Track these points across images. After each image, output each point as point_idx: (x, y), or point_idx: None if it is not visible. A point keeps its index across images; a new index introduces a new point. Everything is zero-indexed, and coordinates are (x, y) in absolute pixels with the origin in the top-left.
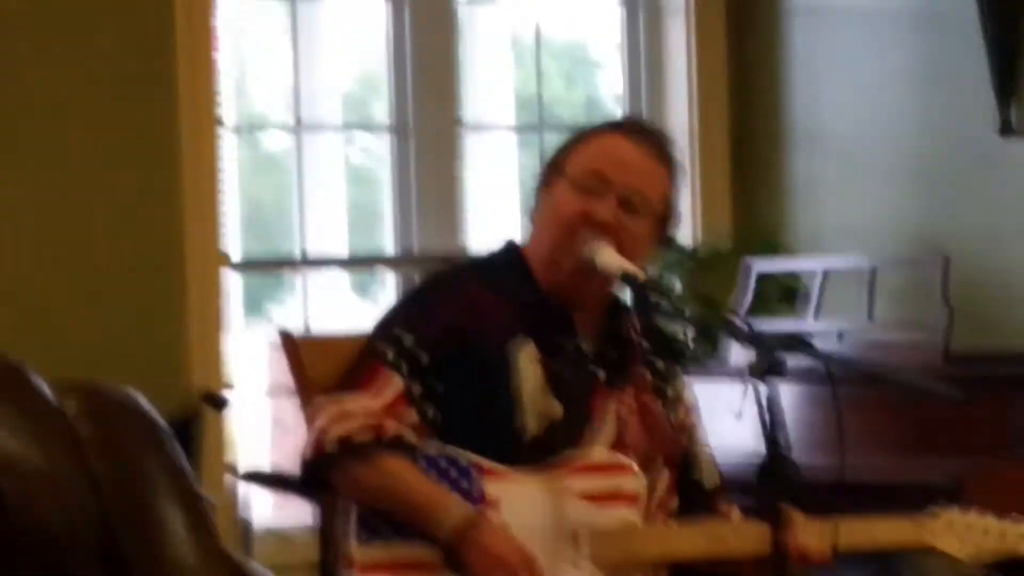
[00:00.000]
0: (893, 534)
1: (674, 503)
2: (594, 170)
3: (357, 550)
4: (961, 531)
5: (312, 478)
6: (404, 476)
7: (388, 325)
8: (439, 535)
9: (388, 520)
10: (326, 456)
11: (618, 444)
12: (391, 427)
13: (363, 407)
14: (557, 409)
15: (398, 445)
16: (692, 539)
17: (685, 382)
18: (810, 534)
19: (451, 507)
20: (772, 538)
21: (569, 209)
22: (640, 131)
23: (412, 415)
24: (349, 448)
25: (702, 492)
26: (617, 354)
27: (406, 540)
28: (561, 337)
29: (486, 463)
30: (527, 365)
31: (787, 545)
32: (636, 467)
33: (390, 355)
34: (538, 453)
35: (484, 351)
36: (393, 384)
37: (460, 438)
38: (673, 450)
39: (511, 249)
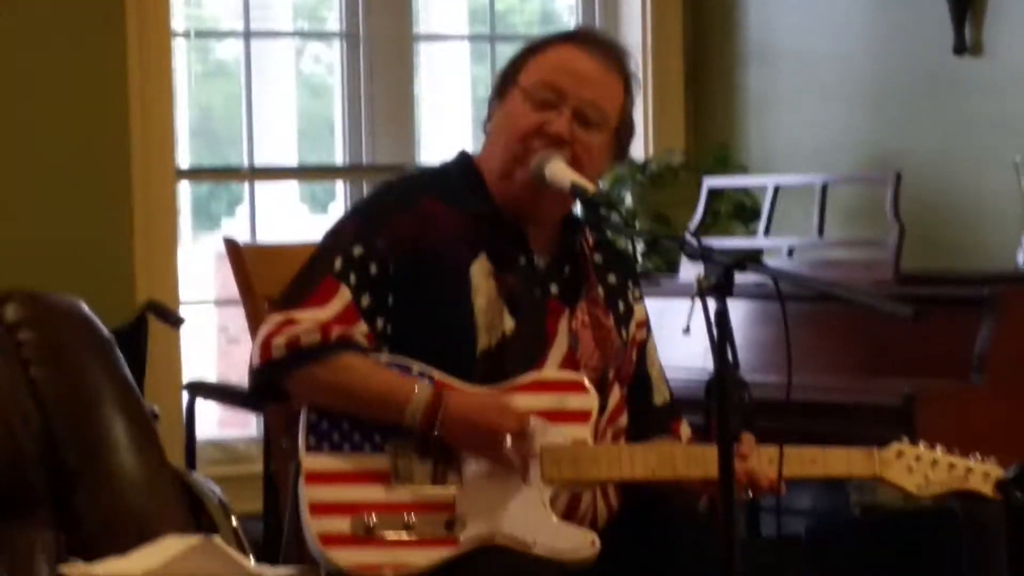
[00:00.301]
0: (842, 464)
1: (624, 420)
2: (549, 82)
3: (306, 458)
4: (910, 463)
5: (261, 387)
6: (361, 369)
7: (337, 236)
8: (407, 421)
9: (337, 428)
10: (275, 362)
11: (570, 359)
12: (338, 330)
13: (310, 317)
14: (509, 323)
15: (348, 344)
16: (642, 461)
17: (638, 296)
18: (760, 461)
19: (414, 390)
20: (721, 463)
21: (523, 121)
22: (595, 42)
23: (361, 327)
24: (298, 351)
25: (652, 409)
26: (571, 269)
27: (355, 449)
28: (514, 251)
29: (437, 374)
30: (480, 278)
31: (736, 470)
32: (588, 384)
33: (338, 266)
34: (490, 367)
35: (436, 263)
36: (341, 295)
37: (411, 351)
38: (625, 366)
39: (464, 161)
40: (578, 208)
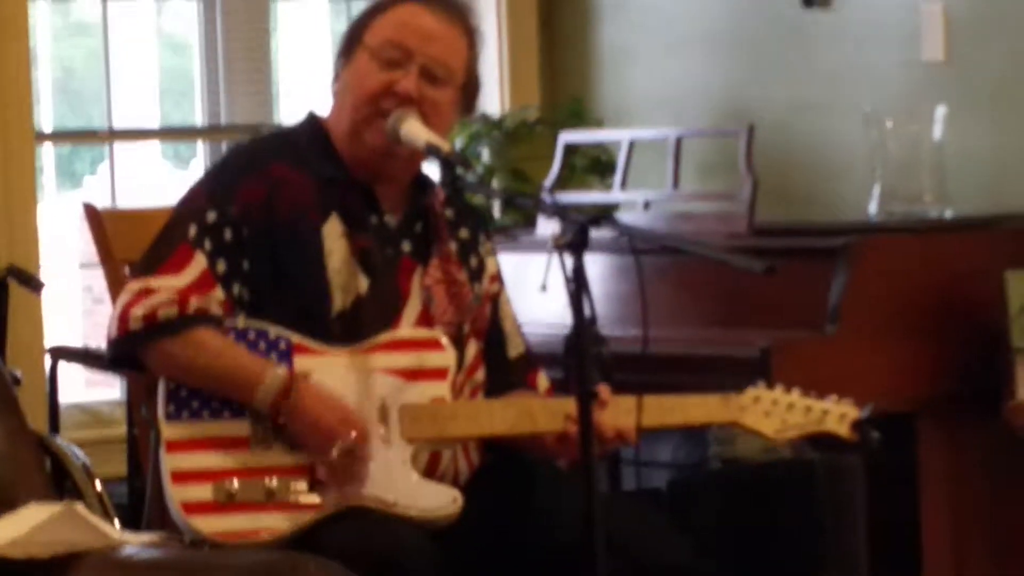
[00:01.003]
0: (700, 411)
1: (481, 375)
2: (395, 41)
3: (165, 426)
4: (767, 407)
5: (120, 356)
6: (215, 347)
7: (190, 202)
8: (256, 404)
9: (197, 395)
10: (132, 334)
11: (424, 317)
12: (196, 302)
13: (167, 285)
14: (363, 283)
15: (204, 318)
16: (501, 415)
17: (490, 250)
18: (617, 411)
19: (266, 375)
20: (579, 415)
21: (371, 81)
22: (438, 0)
23: (218, 293)
24: (154, 324)
25: (507, 361)
26: (422, 226)
27: (214, 415)
28: (365, 211)
29: (296, 337)
30: (332, 240)
31: (594, 422)
32: (444, 340)
33: (193, 232)
34: (347, 328)
35: (288, 227)
36: (197, 262)
37: (269, 315)
38: (479, 320)
39: (312, 122)
40: (432, 166)
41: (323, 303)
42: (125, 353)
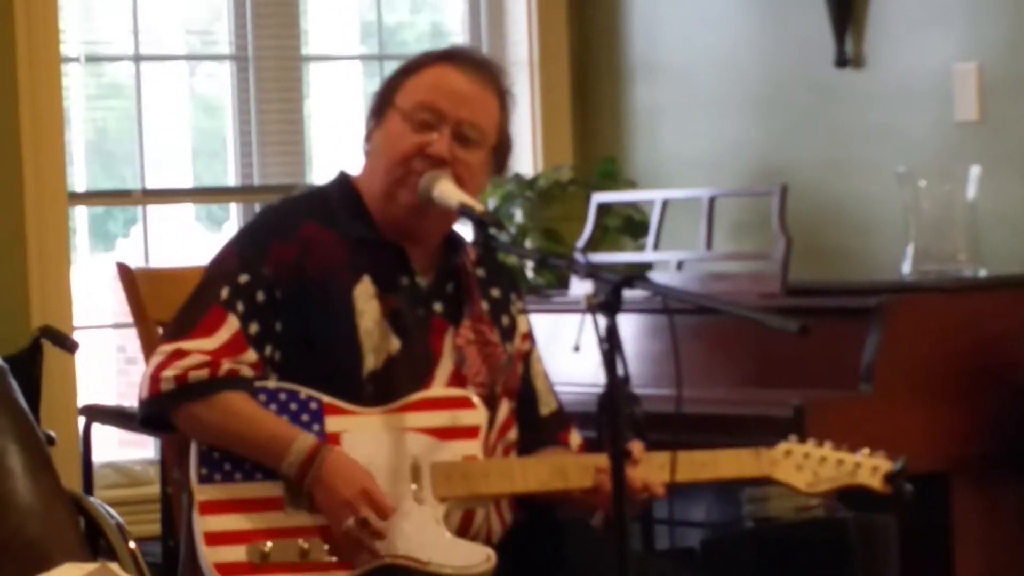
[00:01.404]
0: (732, 465)
1: (514, 434)
2: (427, 103)
3: (197, 489)
4: (799, 461)
5: (151, 417)
6: (244, 412)
7: (222, 264)
8: (282, 471)
9: (229, 457)
10: (163, 396)
11: (456, 376)
12: (227, 364)
13: (199, 347)
14: (395, 344)
15: (235, 381)
16: (534, 473)
17: (521, 308)
18: (650, 467)
19: (293, 442)
20: (612, 472)
21: (403, 143)
22: (470, 61)
23: (249, 355)
24: (185, 387)
25: (539, 420)
26: (453, 286)
27: (247, 478)
28: (396, 272)
29: (327, 398)
30: (364, 301)
31: (627, 479)
32: (476, 400)
33: (225, 294)
34: (379, 388)
35: (320, 287)
36: (229, 324)
37: (300, 376)
38: (512, 380)
39: (343, 182)
40: (464, 227)
41: (355, 363)
42: (156, 414)
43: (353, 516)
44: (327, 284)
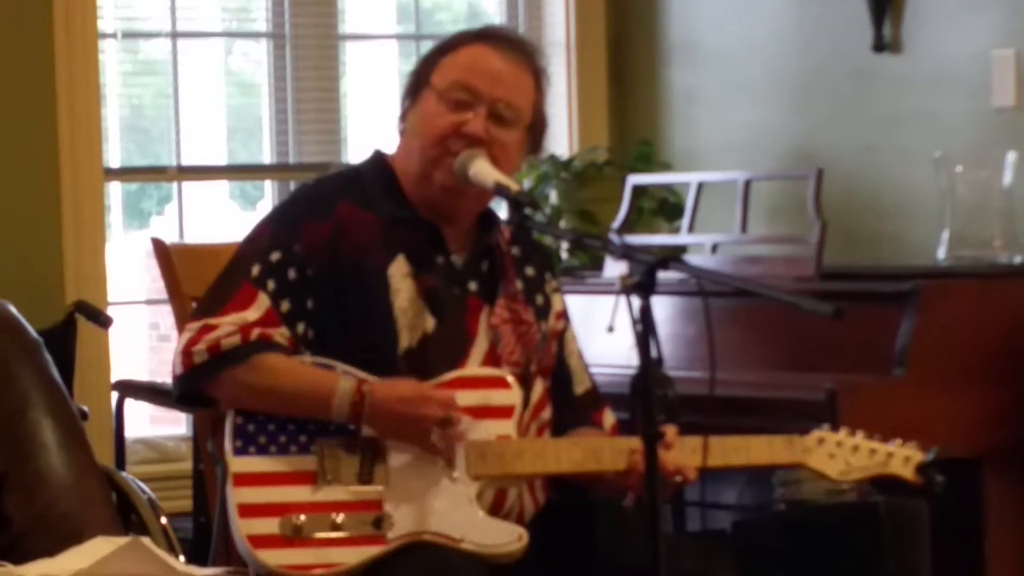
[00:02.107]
0: (764, 452)
1: (548, 414)
2: (463, 82)
3: (232, 461)
4: (832, 449)
5: (187, 393)
6: (282, 368)
7: (254, 242)
8: (335, 415)
9: (263, 430)
10: (197, 368)
11: (491, 356)
12: (258, 330)
13: (229, 320)
14: (430, 322)
15: (268, 344)
16: (567, 454)
17: (556, 287)
18: (683, 451)
19: (338, 384)
20: (644, 453)
21: (439, 123)
22: (505, 40)
23: (282, 332)
24: (219, 355)
25: (573, 398)
26: (488, 265)
27: (281, 451)
28: (432, 251)
29: (361, 374)
30: (398, 280)
31: (660, 461)
32: (511, 379)
33: (256, 272)
34: (414, 366)
35: (354, 266)
36: (259, 302)
37: (334, 354)
38: (546, 359)
39: (379, 161)
40: (499, 206)
41: (390, 342)
42: (192, 389)
43: (434, 426)
44: (362, 263)
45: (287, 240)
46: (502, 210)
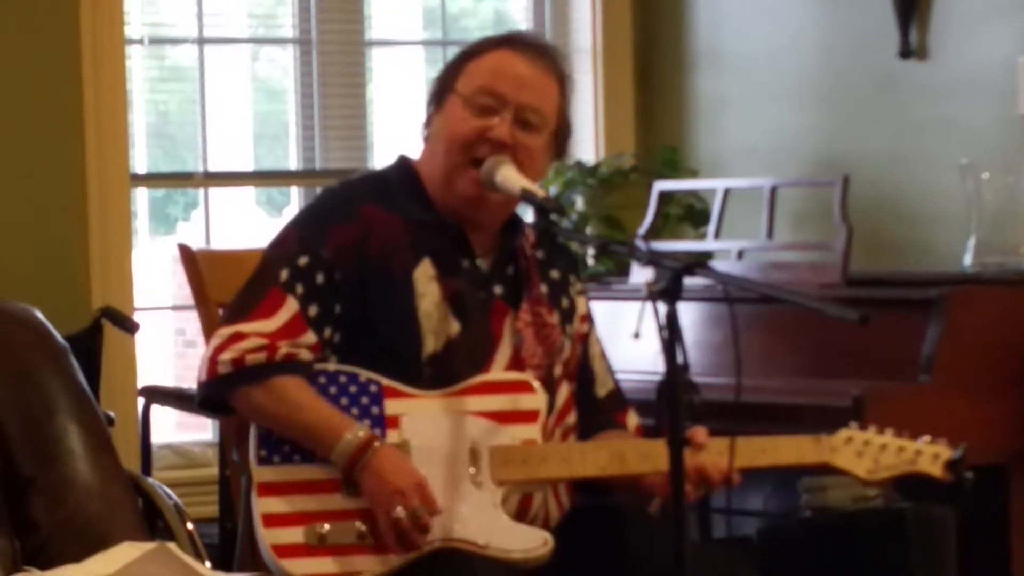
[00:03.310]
0: (792, 451)
1: (573, 417)
2: (488, 88)
3: (256, 470)
4: (859, 448)
5: (209, 399)
6: (299, 399)
7: (281, 247)
8: (334, 460)
9: (288, 440)
10: (220, 378)
11: (515, 360)
12: (285, 347)
13: (257, 330)
14: (455, 326)
15: (292, 365)
16: (592, 458)
17: (580, 290)
18: (710, 453)
19: (345, 432)
20: (670, 459)
21: (464, 128)
22: (530, 46)
23: (309, 337)
24: (242, 370)
25: (596, 400)
26: (513, 269)
27: (305, 460)
28: (457, 255)
29: (386, 380)
30: (424, 284)
31: (686, 464)
32: (536, 384)
33: (284, 276)
34: (438, 371)
35: (381, 269)
36: (288, 307)
37: (360, 358)
38: (571, 362)
39: (404, 165)
40: (525, 211)
41: (415, 346)
42: (214, 396)
43: (404, 505)
44: (387, 266)
45: (315, 244)
46: (527, 214)
